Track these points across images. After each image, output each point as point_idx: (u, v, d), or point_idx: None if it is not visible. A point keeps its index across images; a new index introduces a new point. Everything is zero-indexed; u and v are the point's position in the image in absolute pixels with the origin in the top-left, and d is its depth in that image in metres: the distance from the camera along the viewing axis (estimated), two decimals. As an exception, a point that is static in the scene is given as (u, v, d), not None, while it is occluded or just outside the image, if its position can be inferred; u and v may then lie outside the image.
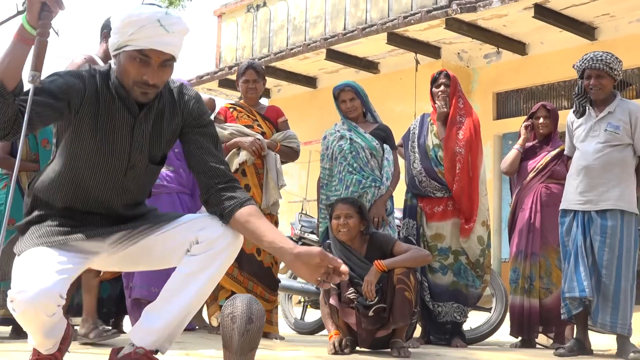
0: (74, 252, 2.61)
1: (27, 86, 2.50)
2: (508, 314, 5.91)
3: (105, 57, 4.53)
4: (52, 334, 2.60)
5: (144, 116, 2.74)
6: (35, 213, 2.73)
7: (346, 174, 5.33)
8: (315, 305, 7.19)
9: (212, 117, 5.56)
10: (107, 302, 5.23)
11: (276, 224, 5.51)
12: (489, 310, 6.14)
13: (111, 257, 2.80)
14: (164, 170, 5.02)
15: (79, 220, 2.71)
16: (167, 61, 2.65)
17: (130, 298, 4.92)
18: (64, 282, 2.44)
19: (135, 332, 2.73)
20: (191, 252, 2.66)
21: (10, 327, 5.48)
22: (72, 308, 4.77)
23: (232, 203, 2.68)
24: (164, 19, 2.59)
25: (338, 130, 5.49)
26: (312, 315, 7.26)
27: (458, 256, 5.54)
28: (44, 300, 2.38)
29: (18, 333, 5.08)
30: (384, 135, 5.51)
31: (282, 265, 5.25)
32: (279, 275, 5.67)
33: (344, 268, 2.46)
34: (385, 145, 5.46)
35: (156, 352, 2.68)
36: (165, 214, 2.91)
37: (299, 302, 7.41)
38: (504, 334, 6.12)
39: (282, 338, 5.66)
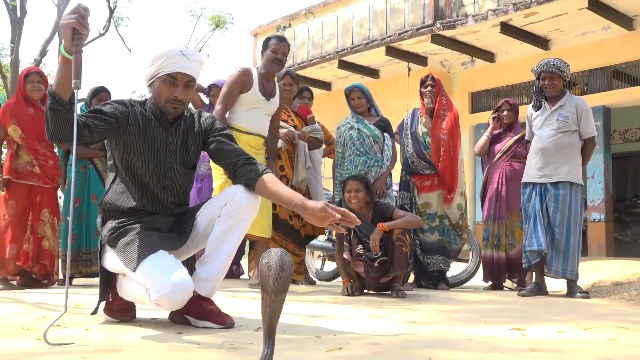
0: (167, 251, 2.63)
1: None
2: (481, 265, 5.90)
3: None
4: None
5: (174, 130, 2.82)
6: (114, 224, 2.71)
7: (355, 156, 5.33)
8: (332, 259, 7.20)
9: None
10: None
11: (306, 194, 5.52)
12: (466, 261, 6.14)
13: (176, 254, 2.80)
14: None
15: (149, 223, 2.71)
16: (190, 82, 2.78)
17: None
18: (190, 277, 2.51)
19: (193, 279, 2.72)
20: (221, 215, 2.70)
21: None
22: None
23: (254, 173, 2.72)
24: (184, 50, 2.75)
25: (348, 122, 5.48)
26: (329, 266, 7.27)
27: (442, 219, 5.55)
28: (188, 296, 2.49)
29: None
30: (384, 125, 5.48)
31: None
32: None
33: (349, 214, 2.48)
34: (385, 134, 5.44)
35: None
36: (201, 202, 2.94)
37: (319, 256, 7.42)
38: (478, 279, 6.11)
39: (309, 283, 5.69)
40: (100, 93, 5.68)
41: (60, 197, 5.87)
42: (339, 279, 5.64)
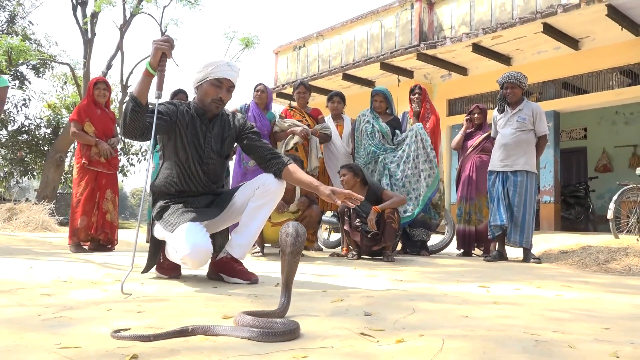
0: (200, 223, 2.60)
1: (152, 101, 2.58)
2: (455, 236, 5.87)
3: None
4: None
5: (212, 126, 2.80)
6: (161, 203, 2.73)
7: (367, 146, 5.34)
8: (336, 231, 7.20)
9: (275, 116, 5.60)
10: None
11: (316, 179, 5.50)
12: (442, 233, 6.11)
13: (213, 222, 2.80)
14: None
15: (190, 200, 2.71)
16: (231, 87, 2.79)
17: None
18: (210, 242, 2.49)
19: (228, 246, 2.76)
20: (255, 195, 2.72)
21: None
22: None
23: (281, 165, 2.75)
24: (229, 62, 2.79)
25: (366, 116, 5.48)
26: (334, 236, 7.27)
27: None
28: (206, 257, 2.48)
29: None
30: (395, 124, 5.49)
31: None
32: None
33: (353, 195, 2.51)
34: (396, 130, 5.47)
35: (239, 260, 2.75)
36: (235, 187, 2.93)
37: (326, 228, 7.41)
38: (452, 248, 6.09)
39: (317, 250, 5.69)
40: (178, 94, 5.71)
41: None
42: (339, 248, 5.63)
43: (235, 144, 2.95)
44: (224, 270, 2.74)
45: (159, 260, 2.84)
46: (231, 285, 2.65)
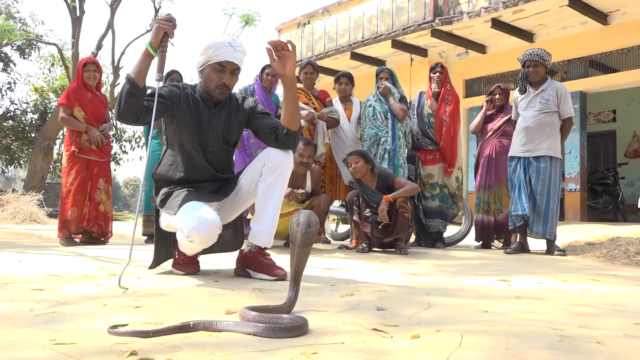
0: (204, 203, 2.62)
1: (151, 84, 2.57)
2: (473, 227, 5.88)
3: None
4: (212, 243, 2.59)
5: (217, 111, 2.79)
6: (164, 190, 2.73)
7: (369, 129, 5.31)
8: (345, 222, 7.21)
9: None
10: None
11: (322, 167, 5.50)
12: (459, 224, 6.12)
13: (220, 208, 2.80)
14: None
15: (196, 189, 2.70)
16: (235, 70, 2.75)
17: None
18: (218, 216, 2.49)
19: (251, 237, 2.76)
20: (262, 173, 2.70)
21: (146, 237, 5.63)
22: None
23: (278, 129, 2.75)
24: (232, 42, 2.73)
25: (369, 100, 5.46)
26: (343, 228, 7.29)
27: (442, 189, 5.54)
28: (214, 231, 2.45)
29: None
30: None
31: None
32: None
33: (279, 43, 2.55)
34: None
35: (265, 248, 2.75)
36: (238, 172, 2.93)
37: (333, 219, 7.43)
38: (470, 240, 6.09)
39: (325, 242, 5.71)
40: (172, 75, 5.66)
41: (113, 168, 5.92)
42: (348, 240, 5.66)
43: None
44: (250, 264, 2.74)
45: (174, 255, 2.84)
46: (235, 279, 2.68)
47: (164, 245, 2.83)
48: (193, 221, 2.40)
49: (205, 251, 2.79)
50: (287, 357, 1.24)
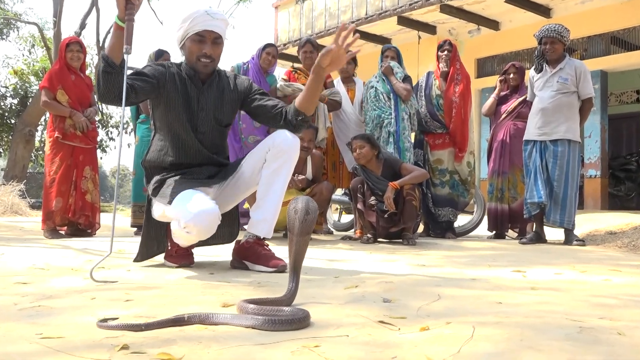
0: (201, 191, 2.61)
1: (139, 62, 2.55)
2: (486, 216, 5.89)
3: None
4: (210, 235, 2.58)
5: (206, 89, 2.78)
6: (157, 178, 2.73)
7: (371, 111, 5.29)
8: (348, 211, 7.23)
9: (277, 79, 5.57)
10: None
11: (324, 153, 5.50)
12: (471, 213, 6.14)
13: (218, 195, 2.79)
14: None
15: (189, 172, 2.71)
16: (217, 39, 2.74)
17: None
18: (217, 206, 2.49)
19: (249, 226, 2.76)
20: (267, 159, 2.70)
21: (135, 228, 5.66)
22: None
23: (283, 110, 2.78)
24: (208, 10, 2.72)
25: (371, 81, 5.44)
26: (346, 218, 7.31)
27: (452, 175, 5.55)
28: (213, 222, 2.45)
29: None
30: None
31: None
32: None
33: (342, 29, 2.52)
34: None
35: (264, 239, 2.75)
36: (241, 157, 2.93)
37: (336, 209, 7.45)
38: (482, 230, 6.11)
39: (327, 233, 5.73)
40: (163, 55, 5.65)
41: (101, 157, 5.96)
42: (352, 230, 5.68)
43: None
44: (248, 256, 2.75)
45: (167, 247, 2.85)
46: (231, 272, 2.69)
47: (155, 237, 2.83)
48: (190, 211, 2.40)
49: (200, 243, 2.81)
50: (287, 350, 1.26)
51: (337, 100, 5.57)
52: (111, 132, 20.58)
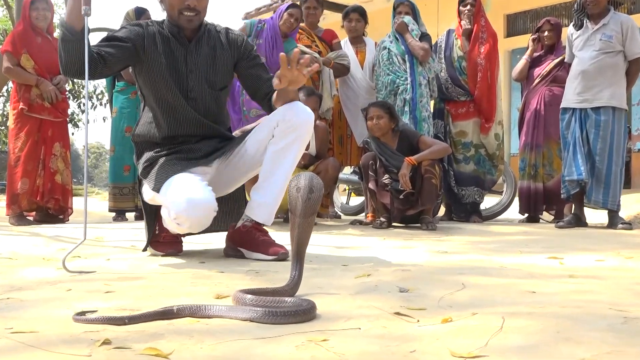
0: (197, 174, 2.63)
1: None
2: (517, 197, 5.90)
3: None
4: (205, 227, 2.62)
5: (194, 48, 2.78)
6: (148, 155, 2.75)
7: (384, 76, 5.27)
8: (358, 193, 7.26)
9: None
10: None
11: (330, 125, 5.50)
12: (500, 193, 6.15)
13: (217, 175, 2.81)
14: None
15: (185, 149, 2.73)
16: None
17: None
18: (213, 195, 2.51)
19: (248, 208, 2.77)
20: (274, 135, 2.70)
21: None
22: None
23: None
24: None
25: (383, 42, 5.42)
26: (355, 200, 7.33)
27: (478, 149, 5.56)
28: (207, 213, 2.47)
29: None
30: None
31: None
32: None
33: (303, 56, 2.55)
34: None
35: (264, 225, 2.76)
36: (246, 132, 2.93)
37: (344, 190, 7.47)
38: (513, 212, 6.13)
39: (334, 217, 5.76)
40: (144, 13, 5.57)
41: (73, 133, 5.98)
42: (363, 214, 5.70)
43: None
44: (244, 242, 2.77)
45: (154, 232, 2.86)
46: (224, 260, 2.72)
47: (154, 219, 2.85)
48: (182, 201, 2.43)
49: (201, 231, 2.85)
50: (291, 344, 1.28)
51: (345, 65, 5.56)
52: (84, 104, 20.59)
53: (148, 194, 2.72)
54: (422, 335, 1.34)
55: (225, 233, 2.92)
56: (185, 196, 2.42)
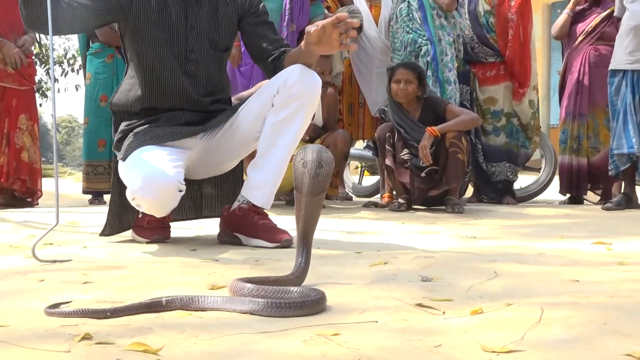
0: (175, 147, 2.64)
1: None
2: (557, 174, 5.90)
3: None
4: (170, 210, 2.64)
5: (195, 2, 2.76)
6: (122, 126, 2.75)
7: (404, 34, 5.25)
8: (372, 171, 7.27)
9: None
10: None
11: (339, 92, 5.51)
12: (538, 170, 6.15)
13: (205, 151, 2.81)
14: None
15: (165, 120, 2.72)
16: None
17: None
18: (179, 169, 2.50)
19: (245, 188, 2.77)
20: (274, 104, 2.67)
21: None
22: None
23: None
24: None
25: None
26: (369, 180, 7.35)
27: (510, 118, 5.55)
28: (170, 194, 2.46)
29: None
30: None
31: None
32: None
33: (349, 19, 2.45)
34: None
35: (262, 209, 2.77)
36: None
37: (356, 167, 7.49)
38: (552, 193, 6.13)
39: (345, 199, 5.77)
40: None
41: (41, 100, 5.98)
42: (378, 196, 5.71)
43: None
44: (241, 227, 2.77)
45: (137, 216, 2.86)
46: (219, 247, 2.74)
47: (123, 204, 2.85)
48: (138, 178, 2.43)
49: (191, 215, 2.86)
50: (298, 339, 1.29)
51: (358, 22, 5.55)
52: (55, 70, 20.56)
53: (119, 169, 2.72)
54: (448, 329, 1.35)
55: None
56: (143, 172, 2.43)
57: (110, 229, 2.89)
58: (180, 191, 2.49)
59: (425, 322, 1.41)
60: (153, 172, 2.43)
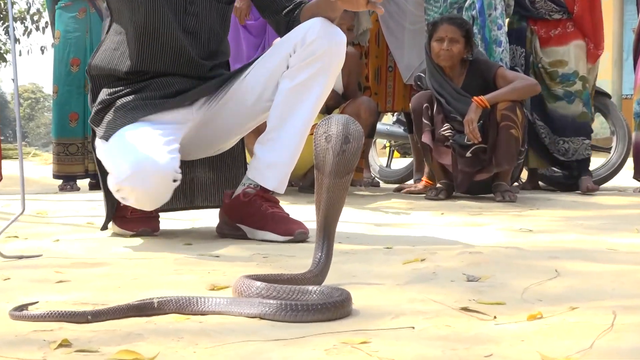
0: (167, 123, 2.65)
1: None
2: (632, 155, 5.85)
3: None
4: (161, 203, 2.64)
5: None
6: (103, 95, 2.74)
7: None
8: (403, 150, 7.26)
9: None
10: None
11: (365, 54, 5.51)
12: (608, 150, 6.09)
13: (202, 125, 2.81)
14: None
15: (156, 84, 2.72)
16: None
17: None
18: (174, 155, 2.50)
19: (251, 169, 2.78)
20: (290, 65, 2.67)
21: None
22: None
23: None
24: None
25: None
26: (400, 162, 7.33)
27: (585, 83, 5.46)
28: (160, 185, 2.48)
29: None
30: None
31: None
32: None
33: None
34: None
35: (273, 193, 2.78)
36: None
37: (384, 147, 7.47)
38: (624, 178, 6.11)
39: (371, 185, 5.78)
40: None
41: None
42: (411, 181, 5.71)
43: None
44: (246, 216, 2.77)
45: (119, 206, 2.84)
46: (219, 241, 2.75)
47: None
48: (126, 166, 2.45)
49: (184, 205, 2.93)
50: (319, 347, 1.30)
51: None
52: (15, 28, 20.63)
53: (100, 151, 2.72)
54: (501, 336, 1.36)
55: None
56: (131, 159, 2.45)
57: (108, 221, 2.91)
58: (175, 181, 2.50)
59: (472, 329, 1.42)
60: (143, 159, 2.44)
